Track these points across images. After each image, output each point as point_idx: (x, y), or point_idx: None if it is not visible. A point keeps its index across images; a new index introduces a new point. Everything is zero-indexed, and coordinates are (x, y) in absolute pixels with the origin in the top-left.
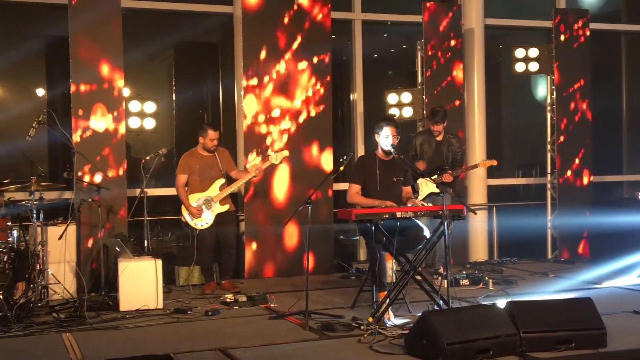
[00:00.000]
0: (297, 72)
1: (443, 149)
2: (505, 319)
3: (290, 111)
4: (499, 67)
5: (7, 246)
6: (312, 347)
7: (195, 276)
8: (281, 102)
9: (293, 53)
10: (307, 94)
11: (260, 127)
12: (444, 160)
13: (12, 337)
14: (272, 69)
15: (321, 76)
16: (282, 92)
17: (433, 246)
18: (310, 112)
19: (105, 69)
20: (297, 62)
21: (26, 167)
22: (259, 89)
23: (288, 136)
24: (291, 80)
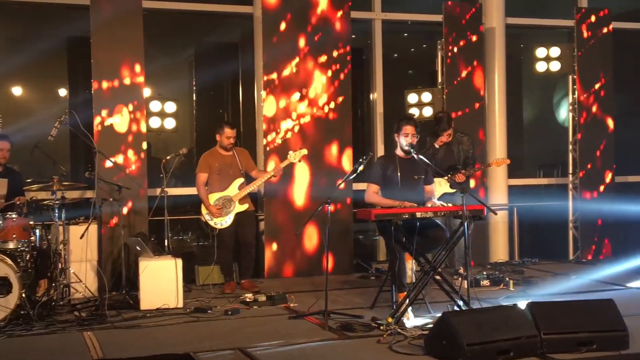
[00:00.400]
0: (317, 72)
1: (454, 149)
2: (526, 320)
3: (310, 111)
4: (520, 67)
5: (30, 245)
6: (332, 347)
7: (215, 275)
8: (302, 101)
9: (313, 53)
10: (327, 94)
11: (279, 127)
12: (455, 160)
13: (35, 335)
14: (292, 69)
15: (341, 76)
16: (301, 92)
17: (453, 247)
18: (330, 112)
19: (126, 69)
20: (317, 62)
21: (48, 167)
22: (279, 89)
23: (308, 136)
24: (311, 80)
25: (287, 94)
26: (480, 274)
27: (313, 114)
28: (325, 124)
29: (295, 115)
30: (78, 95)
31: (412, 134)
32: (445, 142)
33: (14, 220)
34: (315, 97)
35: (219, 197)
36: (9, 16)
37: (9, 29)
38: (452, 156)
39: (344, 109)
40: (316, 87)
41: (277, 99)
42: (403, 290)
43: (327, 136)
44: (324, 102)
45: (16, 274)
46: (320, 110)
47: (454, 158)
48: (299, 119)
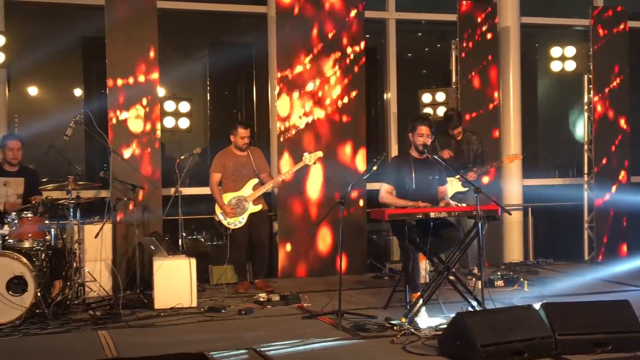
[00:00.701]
0: (330, 72)
1: (463, 148)
2: (540, 321)
3: (324, 111)
4: (535, 66)
5: (45, 244)
6: (345, 347)
7: (228, 275)
8: (315, 102)
9: (326, 53)
10: (341, 94)
11: (293, 127)
12: (465, 159)
13: (49, 333)
14: (305, 69)
15: (355, 76)
16: (315, 92)
17: (467, 247)
18: (344, 112)
19: (140, 69)
20: (331, 62)
21: (63, 167)
22: (293, 89)
23: (322, 136)
24: (325, 80)
25: (301, 94)
26: (495, 274)
27: (327, 114)
28: (339, 124)
29: (309, 115)
30: (93, 95)
31: (427, 134)
32: (456, 141)
33: (30, 220)
34: (329, 97)
35: (233, 197)
36: (24, 16)
37: (25, 29)
38: (462, 156)
39: (358, 109)
40: (330, 87)
41: (290, 98)
42: (417, 290)
43: (341, 136)
44: (338, 102)
45: (31, 273)
46: (334, 110)
47: (464, 157)
48: (312, 118)
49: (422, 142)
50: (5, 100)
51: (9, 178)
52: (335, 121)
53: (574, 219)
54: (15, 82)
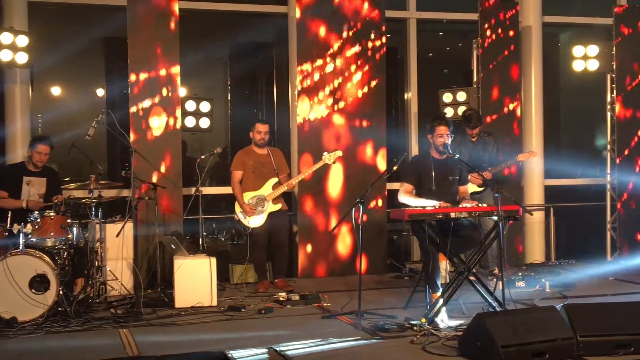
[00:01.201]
0: (351, 71)
1: (479, 148)
2: (562, 322)
3: (344, 111)
4: (558, 65)
5: (67, 243)
6: (364, 347)
7: (248, 274)
8: (335, 101)
9: (347, 52)
10: (362, 94)
11: (313, 127)
12: (481, 160)
13: (71, 331)
14: (326, 68)
15: (376, 76)
16: (336, 91)
17: (487, 247)
18: (364, 111)
19: (162, 69)
20: (351, 62)
21: (86, 166)
22: (313, 88)
23: (341, 136)
24: (345, 79)
25: (321, 93)
26: (516, 275)
27: (347, 113)
28: (360, 123)
29: (329, 114)
30: (115, 94)
31: (446, 134)
32: (472, 142)
33: (52, 219)
34: (350, 96)
35: (253, 195)
36: (47, 17)
37: (47, 29)
38: (476, 154)
39: (379, 109)
40: (351, 86)
41: (310, 98)
42: (437, 290)
43: (362, 135)
44: (359, 101)
45: (54, 271)
46: (355, 109)
47: (479, 158)
48: (333, 119)
49: (442, 142)
50: (28, 100)
51: (31, 178)
52: (356, 120)
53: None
54: (39, 82)
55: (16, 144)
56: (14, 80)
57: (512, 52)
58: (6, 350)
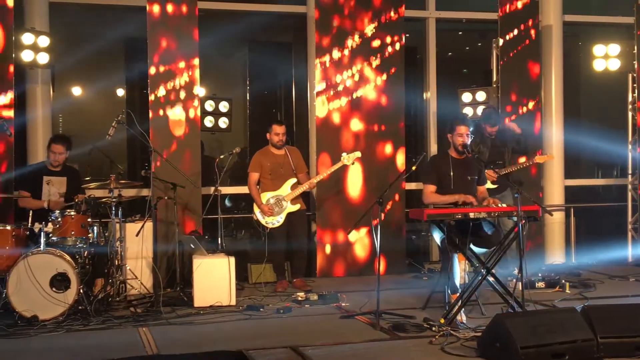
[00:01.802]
0: (370, 71)
1: (498, 143)
2: (581, 324)
3: (363, 111)
4: (578, 65)
5: (87, 242)
6: (383, 347)
7: (267, 274)
8: (354, 101)
9: (366, 52)
10: (380, 93)
11: (332, 127)
12: (498, 156)
13: (91, 330)
14: (344, 68)
15: (394, 76)
16: (355, 91)
17: (507, 248)
18: (383, 111)
19: (181, 68)
20: (370, 62)
21: (106, 166)
22: (332, 88)
23: (360, 136)
24: (364, 79)
25: (340, 93)
26: (536, 276)
27: (366, 113)
28: (379, 124)
29: (347, 114)
30: (135, 94)
31: (466, 133)
32: (491, 140)
33: (73, 218)
34: (369, 96)
35: (271, 196)
36: (68, 18)
37: (69, 30)
38: (495, 152)
39: (397, 108)
40: (369, 87)
41: (329, 98)
42: (456, 291)
43: (380, 136)
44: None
45: (74, 270)
46: (374, 109)
47: (497, 154)
48: (351, 119)
49: (462, 142)
50: (49, 100)
51: (52, 177)
52: (374, 120)
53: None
54: (60, 82)
55: (37, 144)
56: (36, 81)
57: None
58: (28, 348)
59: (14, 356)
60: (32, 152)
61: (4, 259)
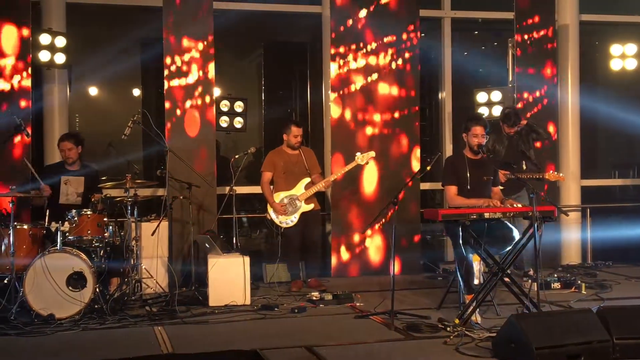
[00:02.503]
0: (385, 72)
1: (515, 145)
2: (597, 324)
3: (378, 110)
4: (595, 64)
5: (104, 241)
6: (398, 347)
7: (281, 274)
8: (369, 102)
9: (381, 52)
10: (395, 93)
11: (347, 127)
12: (513, 157)
13: (107, 328)
14: (360, 69)
15: (410, 75)
16: (370, 92)
17: (522, 248)
18: (398, 111)
19: (196, 69)
20: (386, 62)
21: (122, 165)
22: (347, 88)
23: (375, 136)
24: (379, 79)
25: (355, 93)
26: (551, 276)
27: (381, 113)
28: (394, 124)
29: (362, 114)
30: (151, 94)
31: (482, 134)
32: (509, 140)
33: (89, 217)
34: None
35: (285, 195)
36: (85, 18)
37: (85, 30)
38: (511, 152)
39: (413, 109)
40: (384, 87)
41: (344, 98)
42: (471, 291)
43: (396, 136)
44: (392, 101)
45: (90, 269)
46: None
47: (512, 155)
48: (366, 119)
49: (477, 143)
50: (66, 100)
51: (69, 177)
52: (389, 120)
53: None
54: (76, 83)
55: (54, 144)
56: (53, 81)
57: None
58: (44, 346)
59: (30, 354)
60: (49, 152)
61: (21, 258)
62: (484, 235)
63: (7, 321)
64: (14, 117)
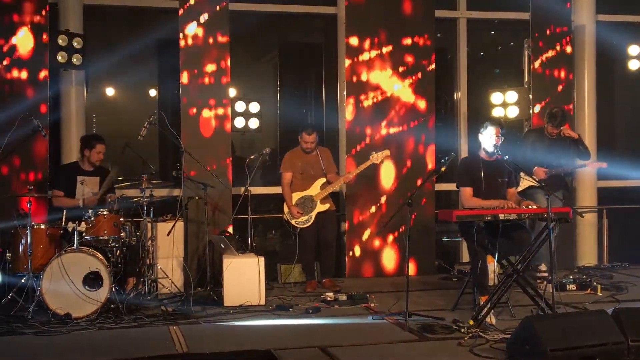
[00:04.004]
0: (400, 72)
1: (557, 147)
2: (612, 326)
3: (393, 111)
4: (613, 65)
5: (120, 241)
6: (412, 348)
7: (296, 274)
8: (384, 102)
9: (396, 52)
10: (411, 94)
11: (362, 127)
12: (556, 157)
13: (123, 328)
14: (374, 69)
15: (425, 76)
16: (385, 92)
17: (537, 250)
18: (414, 111)
19: (212, 70)
20: (401, 62)
21: (138, 166)
22: (362, 89)
23: (390, 136)
24: (394, 80)
25: (369, 93)
26: (567, 278)
27: (396, 113)
28: (409, 124)
29: (377, 115)
30: (167, 95)
31: (497, 135)
32: (549, 140)
33: (105, 217)
34: (399, 97)
35: (301, 196)
36: (102, 19)
37: (102, 32)
38: (554, 153)
39: (428, 109)
40: (399, 87)
41: (359, 98)
42: (485, 293)
43: (411, 136)
44: (407, 102)
45: (107, 269)
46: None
47: (555, 155)
48: (381, 119)
49: (493, 143)
50: (83, 101)
51: (85, 177)
52: (405, 121)
53: None
54: (93, 83)
55: (71, 144)
56: (70, 82)
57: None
58: (61, 345)
59: (47, 353)
60: (65, 152)
61: (38, 258)
62: (498, 236)
63: (25, 320)
64: (31, 118)
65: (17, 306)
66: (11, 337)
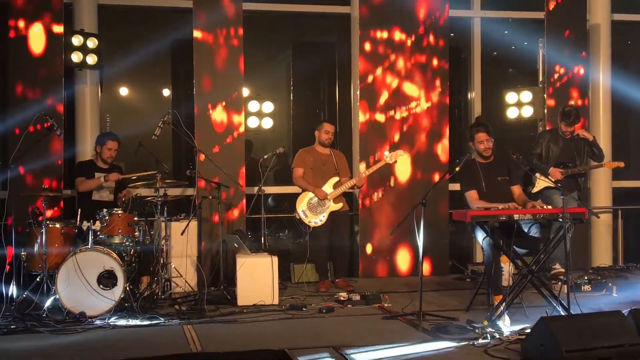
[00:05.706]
0: (414, 72)
1: (571, 147)
2: (629, 327)
3: (407, 111)
4: (628, 64)
5: (134, 240)
6: (425, 349)
7: (309, 274)
8: (397, 102)
9: (410, 52)
10: (425, 95)
11: (375, 128)
12: (569, 158)
13: (137, 326)
14: (388, 69)
15: (439, 76)
16: (398, 92)
17: (552, 250)
18: (428, 112)
19: (226, 69)
20: (414, 62)
21: (152, 165)
22: (375, 89)
23: (404, 136)
24: (408, 80)
25: (383, 94)
26: (582, 278)
27: (410, 114)
28: (423, 124)
29: (391, 115)
30: (181, 95)
31: (486, 139)
32: (564, 140)
33: (120, 216)
34: (413, 98)
35: (313, 195)
36: (116, 19)
37: (117, 31)
38: (567, 152)
39: (442, 110)
40: (413, 87)
41: (372, 98)
42: (499, 293)
43: (424, 136)
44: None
45: (121, 268)
46: (418, 110)
47: (568, 155)
48: (395, 119)
49: (484, 148)
50: (97, 101)
51: (101, 174)
52: (419, 121)
53: None
54: (108, 83)
55: (86, 142)
56: (84, 81)
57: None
58: (76, 343)
59: (62, 351)
60: (80, 151)
61: (53, 257)
62: (513, 236)
63: (40, 319)
64: (47, 117)
65: (32, 305)
66: (27, 336)
